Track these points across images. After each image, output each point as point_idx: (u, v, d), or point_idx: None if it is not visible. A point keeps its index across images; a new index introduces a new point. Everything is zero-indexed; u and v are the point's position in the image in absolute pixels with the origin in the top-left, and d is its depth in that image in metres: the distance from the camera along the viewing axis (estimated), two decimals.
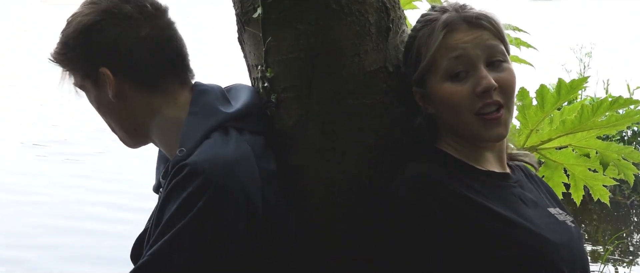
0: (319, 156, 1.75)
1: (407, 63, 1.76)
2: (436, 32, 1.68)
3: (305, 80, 1.73)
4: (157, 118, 1.73)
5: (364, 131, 1.75)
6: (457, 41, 1.67)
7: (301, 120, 1.75)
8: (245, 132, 1.69)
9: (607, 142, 2.35)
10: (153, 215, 1.75)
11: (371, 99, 1.75)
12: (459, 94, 1.66)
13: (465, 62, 1.66)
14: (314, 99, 1.74)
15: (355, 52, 1.73)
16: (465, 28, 1.68)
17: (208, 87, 1.76)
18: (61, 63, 1.74)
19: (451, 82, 1.67)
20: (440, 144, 1.77)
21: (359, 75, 1.73)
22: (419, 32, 1.72)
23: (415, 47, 1.72)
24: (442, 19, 1.68)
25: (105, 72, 1.69)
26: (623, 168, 2.36)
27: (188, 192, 1.54)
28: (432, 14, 1.74)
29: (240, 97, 1.76)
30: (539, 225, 1.66)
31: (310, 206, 1.76)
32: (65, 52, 1.72)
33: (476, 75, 1.65)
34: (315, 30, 1.71)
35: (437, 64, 1.68)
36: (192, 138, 1.62)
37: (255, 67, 1.83)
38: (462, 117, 1.67)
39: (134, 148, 1.83)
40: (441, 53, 1.67)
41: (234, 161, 1.59)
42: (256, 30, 1.77)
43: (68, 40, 1.71)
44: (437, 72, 1.68)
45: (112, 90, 1.70)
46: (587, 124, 2.23)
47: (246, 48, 1.86)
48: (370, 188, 1.75)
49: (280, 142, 1.76)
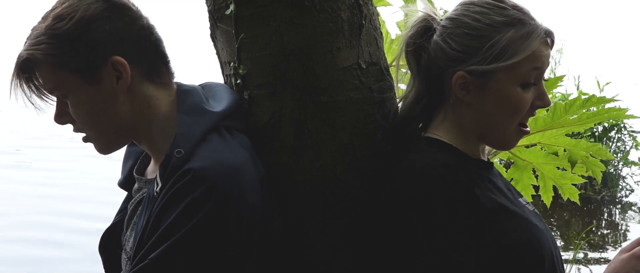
0: (292, 153, 1.75)
1: (479, 48, 1.70)
2: (534, 39, 1.68)
3: (278, 77, 1.73)
4: (153, 115, 1.68)
5: (338, 128, 1.75)
6: (542, 54, 1.70)
7: (274, 117, 1.75)
8: (233, 131, 1.69)
9: (576, 140, 2.37)
10: (135, 213, 1.74)
11: (344, 96, 1.75)
12: (525, 101, 1.70)
13: (538, 76, 1.70)
14: (287, 95, 1.73)
15: (327, 49, 1.72)
16: (547, 43, 1.71)
17: (190, 87, 1.75)
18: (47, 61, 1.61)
19: (522, 88, 1.69)
20: (429, 132, 1.78)
21: (331, 72, 1.73)
22: (498, 28, 1.69)
23: (497, 41, 1.68)
24: (543, 29, 1.70)
25: (119, 60, 1.62)
26: (591, 165, 2.38)
27: (192, 198, 1.52)
28: (513, 12, 1.71)
29: (221, 96, 1.74)
30: (527, 214, 1.73)
31: (285, 204, 1.75)
32: (61, 46, 1.60)
33: (539, 90, 1.71)
34: (288, 27, 1.70)
35: (520, 67, 1.68)
36: (190, 140, 1.60)
37: (227, 64, 1.82)
38: (511, 122, 1.72)
39: (108, 153, 1.76)
40: (529, 59, 1.68)
41: (237, 169, 1.58)
42: (229, 27, 1.76)
43: (67, 33, 1.60)
44: (515, 74, 1.68)
45: (126, 80, 1.64)
46: (559, 121, 2.25)
47: (219, 45, 1.85)
48: (344, 185, 1.75)
49: (254, 139, 1.75)
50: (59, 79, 1.63)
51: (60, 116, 1.68)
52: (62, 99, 1.66)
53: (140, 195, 1.77)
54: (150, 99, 1.68)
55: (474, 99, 1.72)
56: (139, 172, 1.83)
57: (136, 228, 1.67)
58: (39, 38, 1.61)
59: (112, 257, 1.88)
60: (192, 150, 1.59)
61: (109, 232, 1.88)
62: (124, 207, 1.87)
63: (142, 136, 1.71)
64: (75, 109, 1.65)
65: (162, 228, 1.53)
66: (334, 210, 1.75)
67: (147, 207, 1.64)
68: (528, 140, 2.32)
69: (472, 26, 1.70)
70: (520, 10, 1.71)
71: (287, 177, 1.76)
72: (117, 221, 1.87)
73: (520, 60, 1.67)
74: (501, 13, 1.70)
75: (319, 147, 1.74)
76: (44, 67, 1.62)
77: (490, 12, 1.70)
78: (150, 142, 1.72)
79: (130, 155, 1.90)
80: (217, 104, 1.71)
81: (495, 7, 1.71)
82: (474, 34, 1.70)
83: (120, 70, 1.63)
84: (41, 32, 1.61)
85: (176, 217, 1.52)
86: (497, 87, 1.69)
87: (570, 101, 2.23)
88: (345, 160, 1.75)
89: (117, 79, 1.64)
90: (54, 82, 1.63)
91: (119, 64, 1.63)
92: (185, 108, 1.67)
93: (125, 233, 1.80)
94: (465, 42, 1.70)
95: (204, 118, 1.65)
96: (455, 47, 1.71)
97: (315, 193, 1.75)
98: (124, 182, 1.89)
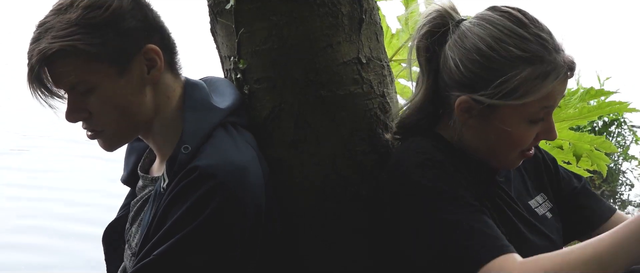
0: (292, 148, 1.75)
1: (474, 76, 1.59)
2: (551, 81, 1.56)
3: (279, 71, 1.73)
4: (168, 107, 1.67)
5: (338, 122, 1.74)
6: (556, 93, 1.59)
7: (274, 111, 1.75)
8: (238, 127, 1.69)
9: (580, 133, 2.36)
10: (142, 209, 1.73)
11: (344, 90, 1.74)
12: (529, 136, 1.62)
13: (548, 113, 1.62)
14: (287, 90, 1.73)
15: (328, 43, 1.72)
16: (565, 77, 1.60)
17: (196, 81, 1.74)
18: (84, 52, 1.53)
19: (529, 123, 1.61)
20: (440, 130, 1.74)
21: (332, 67, 1.73)
22: (514, 63, 1.56)
23: (510, 78, 1.55)
24: (563, 67, 1.57)
25: (154, 49, 1.60)
26: (596, 159, 2.37)
27: (198, 196, 1.51)
28: (532, 45, 1.57)
29: (224, 92, 1.74)
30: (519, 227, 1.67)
31: (285, 199, 1.75)
32: (100, 35, 1.54)
33: (548, 125, 1.63)
34: (288, 22, 1.70)
35: (530, 107, 1.58)
36: (197, 136, 1.59)
37: (227, 58, 1.82)
38: (511, 152, 1.65)
39: (115, 149, 1.70)
40: (542, 98, 1.57)
41: (244, 167, 1.57)
42: (229, 22, 1.76)
43: (105, 22, 1.55)
44: (524, 112, 1.59)
45: (160, 68, 1.62)
46: (559, 115, 2.24)
47: (219, 39, 1.85)
48: (344, 180, 1.75)
49: (254, 133, 1.74)
50: (91, 72, 1.56)
51: (76, 112, 1.61)
52: (77, 94, 1.59)
53: (146, 194, 1.76)
54: (169, 89, 1.67)
55: (476, 125, 1.64)
56: (144, 170, 1.83)
57: (142, 224, 1.66)
58: (71, 28, 1.54)
59: (113, 249, 1.88)
60: (198, 146, 1.58)
61: (113, 225, 1.88)
62: (127, 203, 1.87)
63: (154, 130, 1.69)
64: (101, 102, 1.59)
65: (168, 225, 1.53)
66: (333, 205, 1.75)
67: (154, 203, 1.63)
68: None
69: (486, 55, 1.58)
70: (542, 42, 1.57)
71: (286, 172, 1.75)
72: (120, 216, 1.87)
73: (532, 100, 1.56)
74: (520, 45, 1.56)
75: (318, 142, 1.74)
76: (76, 59, 1.54)
77: (508, 42, 1.57)
78: (159, 137, 1.70)
79: (133, 151, 1.89)
80: (221, 100, 1.70)
81: (516, 36, 1.57)
82: (486, 65, 1.58)
83: (153, 59, 1.61)
84: (72, 23, 1.54)
85: (182, 214, 1.52)
86: (501, 120, 1.60)
87: (570, 93, 2.23)
88: (345, 155, 1.75)
89: (149, 68, 1.61)
90: (83, 74, 1.56)
91: (154, 52, 1.61)
92: (193, 103, 1.66)
93: (130, 229, 1.79)
94: (476, 71, 1.59)
95: (211, 114, 1.64)
96: (465, 72, 1.60)
97: (315, 188, 1.75)
98: (127, 178, 1.88)
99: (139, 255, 1.56)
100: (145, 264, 1.52)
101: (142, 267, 1.52)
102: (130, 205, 1.83)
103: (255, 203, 1.58)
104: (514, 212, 1.70)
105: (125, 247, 1.79)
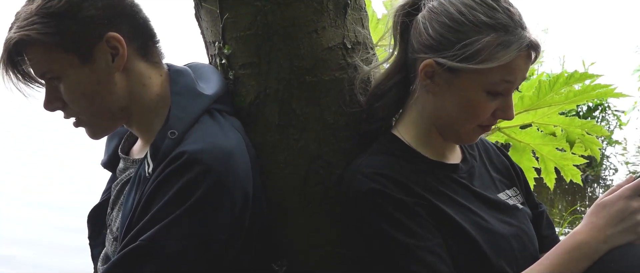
0: (277, 133, 1.74)
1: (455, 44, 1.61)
2: (513, 50, 1.57)
3: (263, 56, 1.72)
4: (146, 95, 1.66)
5: (323, 107, 1.74)
6: (518, 66, 1.60)
7: (259, 97, 1.74)
8: (224, 113, 1.68)
9: (570, 118, 2.35)
10: (124, 194, 1.72)
11: (329, 75, 1.74)
12: (486, 109, 1.62)
13: (509, 88, 1.62)
14: (272, 75, 1.72)
15: (312, 28, 1.72)
16: (527, 54, 1.61)
17: (182, 68, 1.73)
18: (41, 41, 1.56)
19: (487, 94, 1.61)
20: (396, 127, 1.76)
21: (317, 52, 1.72)
22: (480, 29, 1.59)
23: (473, 42, 1.58)
24: (527, 42, 1.59)
25: (115, 36, 1.59)
26: (588, 144, 2.37)
27: (185, 181, 1.50)
28: (500, 15, 1.60)
29: (209, 78, 1.74)
30: (486, 218, 1.67)
31: (270, 183, 1.75)
32: (55, 25, 1.56)
33: (508, 101, 1.63)
34: (273, 7, 1.69)
35: (490, 75, 1.59)
36: (184, 122, 1.59)
37: (212, 44, 1.81)
38: (468, 123, 1.66)
39: (100, 137, 1.73)
40: (503, 69, 1.58)
41: (231, 152, 1.57)
42: (213, 7, 1.75)
43: (60, 11, 1.56)
44: (484, 80, 1.60)
45: (123, 56, 1.61)
46: (545, 100, 2.24)
47: (203, 24, 1.84)
48: (329, 165, 1.75)
49: (239, 119, 1.74)
50: (53, 60, 1.58)
51: (51, 102, 1.64)
52: (53, 83, 1.62)
53: (126, 175, 1.75)
54: (144, 77, 1.66)
55: (438, 91, 1.66)
56: (124, 151, 1.82)
57: (124, 208, 1.65)
58: (31, 18, 1.57)
59: (96, 234, 1.88)
60: (185, 132, 1.58)
61: (95, 210, 1.88)
62: (109, 188, 1.86)
63: (134, 117, 1.69)
64: (68, 91, 1.61)
65: (154, 210, 1.52)
66: (317, 189, 1.75)
67: (138, 188, 1.62)
68: (521, 120, 2.31)
69: (455, 18, 1.61)
70: (510, 15, 1.60)
71: (270, 157, 1.75)
72: (103, 201, 1.86)
73: (492, 68, 1.57)
74: (488, 13, 1.60)
75: (303, 127, 1.74)
76: (37, 48, 1.57)
77: (477, 9, 1.60)
78: (141, 123, 1.70)
79: (115, 135, 1.89)
80: (207, 86, 1.70)
81: (486, 5, 1.61)
82: (453, 27, 1.61)
83: (116, 47, 1.60)
84: (33, 13, 1.57)
85: (169, 199, 1.51)
86: (462, 87, 1.62)
87: (554, 77, 2.22)
88: (330, 140, 1.75)
89: (113, 56, 1.61)
90: (47, 63, 1.59)
91: (115, 40, 1.60)
92: (179, 89, 1.66)
93: (111, 213, 1.78)
94: (443, 33, 1.62)
95: (198, 100, 1.64)
96: (433, 34, 1.63)
97: (299, 172, 1.75)
98: (107, 162, 1.88)
99: (124, 240, 1.55)
100: (131, 249, 1.51)
101: (129, 252, 1.51)
102: (110, 189, 1.82)
103: (242, 188, 1.58)
104: (476, 205, 1.69)
105: (107, 232, 1.79)
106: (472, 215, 1.65)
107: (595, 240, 1.51)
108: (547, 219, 1.90)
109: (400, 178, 1.61)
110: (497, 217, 1.70)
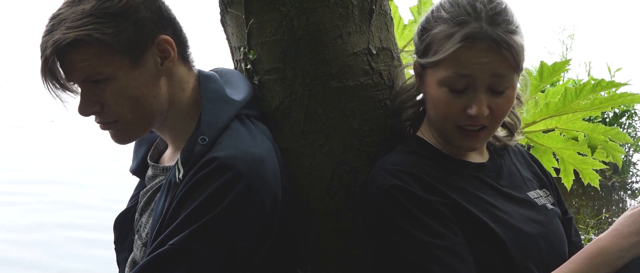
0: (302, 139, 1.74)
1: (418, 40, 1.66)
2: (453, 41, 1.54)
3: (289, 62, 1.72)
4: (183, 99, 1.67)
5: (348, 113, 1.74)
6: (470, 59, 1.55)
7: (285, 102, 1.74)
8: (252, 119, 1.69)
9: (594, 124, 2.33)
10: (151, 200, 1.74)
11: (354, 81, 1.74)
12: (451, 106, 1.60)
13: (469, 83, 1.56)
14: (298, 81, 1.73)
15: (338, 34, 1.72)
16: (485, 47, 1.54)
17: (210, 73, 1.73)
18: (98, 42, 1.52)
19: (449, 90, 1.58)
20: (422, 130, 1.75)
21: (342, 57, 1.72)
22: (437, 23, 1.60)
23: (429, 38, 1.61)
24: (464, 32, 1.54)
25: (167, 39, 1.60)
26: (611, 150, 2.35)
27: (216, 186, 1.51)
28: (460, 10, 1.58)
29: (237, 84, 1.74)
30: (514, 217, 1.65)
31: (295, 188, 1.75)
32: (115, 25, 1.53)
33: (474, 98, 1.57)
34: (299, 12, 1.70)
35: (442, 69, 1.58)
36: (215, 127, 1.59)
37: (237, 49, 1.82)
38: (445, 123, 1.64)
39: (129, 142, 1.70)
40: (450, 63, 1.56)
41: (261, 159, 1.57)
42: (239, 12, 1.76)
43: (119, 11, 1.54)
44: (438, 75, 1.59)
45: (174, 59, 1.62)
46: (570, 106, 2.23)
47: (229, 30, 1.85)
48: (353, 170, 1.74)
49: (264, 124, 1.74)
50: (104, 63, 1.54)
51: (90, 106, 1.60)
52: (91, 87, 1.58)
53: (157, 183, 1.76)
54: (183, 82, 1.67)
55: (422, 91, 1.70)
56: (153, 160, 1.82)
57: (154, 214, 1.66)
58: (86, 18, 1.53)
59: (123, 239, 1.89)
60: (216, 137, 1.58)
61: (124, 214, 1.89)
62: (137, 194, 1.87)
63: (169, 121, 1.69)
64: (116, 94, 1.57)
65: (184, 215, 1.52)
66: (342, 195, 1.75)
67: (168, 194, 1.62)
68: (544, 125, 2.30)
69: (426, 19, 1.65)
70: (473, 9, 1.56)
71: (295, 162, 1.76)
72: (130, 206, 1.87)
73: (442, 60, 1.56)
74: (449, 9, 1.58)
75: (328, 132, 1.74)
76: (91, 49, 1.53)
77: (444, 7, 1.60)
78: (175, 128, 1.70)
79: (143, 142, 1.89)
80: (235, 92, 1.70)
81: (454, 4, 1.59)
82: (423, 26, 1.65)
83: (167, 50, 1.61)
84: (87, 13, 1.53)
85: (199, 204, 1.52)
86: (427, 83, 1.64)
87: (581, 85, 2.21)
88: (355, 145, 1.75)
89: (162, 60, 1.61)
90: (98, 65, 1.54)
91: (167, 42, 1.60)
92: (210, 95, 1.66)
93: (139, 219, 1.79)
94: (418, 31, 1.67)
95: (228, 106, 1.64)
96: (415, 34, 1.69)
97: (324, 178, 1.75)
98: (136, 168, 1.89)
99: (154, 244, 1.56)
100: (160, 253, 1.52)
101: (157, 256, 1.52)
102: (138, 196, 1.83)
103: (271, 194, 1.58)
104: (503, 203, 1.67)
105: (135, 238, 1.80)
106: (498, 213, 1.63)
107: (618, 247, 1.52)
108: (574, 226, 1.89)
109: (423, 176, 1.60)
110: (525, 215, 1.68)
